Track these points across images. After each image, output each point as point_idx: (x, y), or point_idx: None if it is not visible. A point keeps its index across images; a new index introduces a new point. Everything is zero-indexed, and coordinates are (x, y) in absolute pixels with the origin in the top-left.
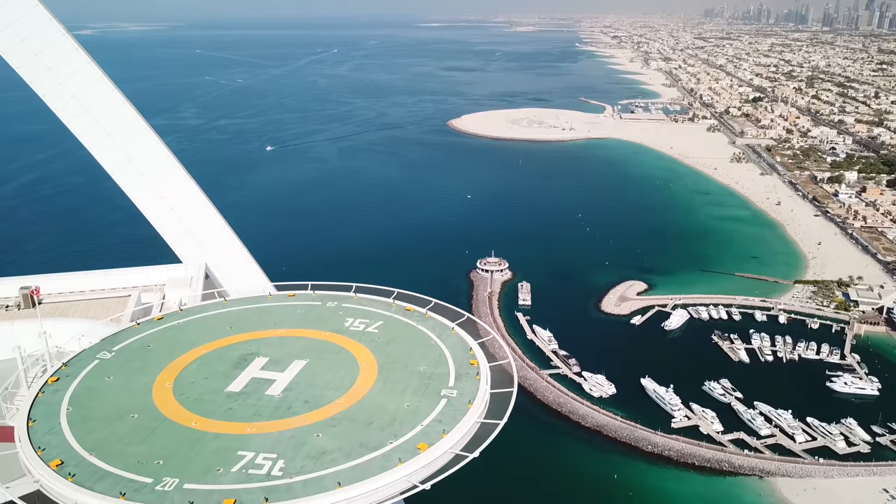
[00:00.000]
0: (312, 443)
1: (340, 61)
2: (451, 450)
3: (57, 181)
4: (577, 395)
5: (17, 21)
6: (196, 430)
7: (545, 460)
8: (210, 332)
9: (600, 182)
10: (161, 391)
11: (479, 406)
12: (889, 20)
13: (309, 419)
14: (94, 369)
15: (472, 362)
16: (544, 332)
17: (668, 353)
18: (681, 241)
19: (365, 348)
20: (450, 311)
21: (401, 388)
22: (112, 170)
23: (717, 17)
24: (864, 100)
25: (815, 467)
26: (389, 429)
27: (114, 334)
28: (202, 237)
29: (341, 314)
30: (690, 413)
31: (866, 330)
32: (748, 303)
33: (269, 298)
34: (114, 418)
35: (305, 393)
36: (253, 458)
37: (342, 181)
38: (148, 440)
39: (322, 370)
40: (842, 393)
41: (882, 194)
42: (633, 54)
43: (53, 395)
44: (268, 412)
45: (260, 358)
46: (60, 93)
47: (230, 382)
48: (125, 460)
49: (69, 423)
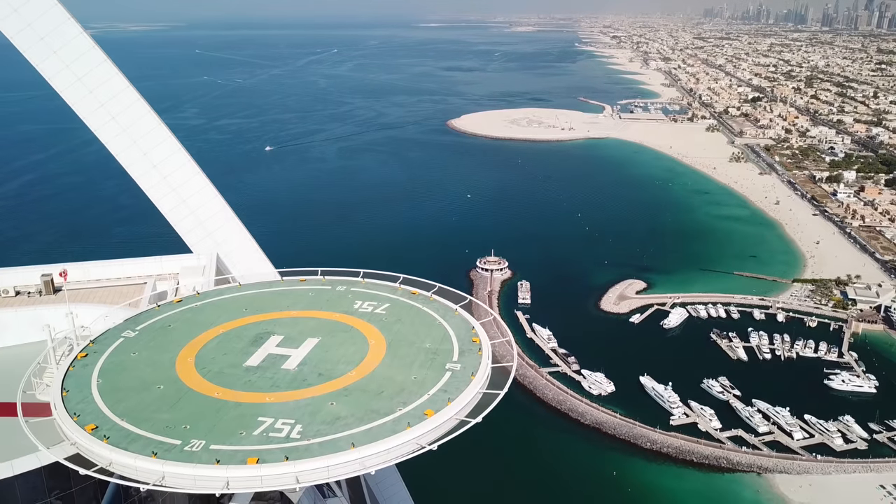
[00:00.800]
0: (327, 410)
1: (340, 61)
2: (456, 416)
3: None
4: (576, 392)
5: (37, 21)
6: (218, 399)
7: (545, 457)
8: (227, 313)
9: (599, 181)
10: (184, 365)
11: (481, 378)
12: (888, 20)
13: (323, 390)
14: (120, 346)
15: (474, 339)
16: (544, 330)
17: (667, 352)
18: (680, 240)
19: (373, 327)
20: (453, 295)
21: (408, 363)
22: (127, 164)
23: (717, 17)
24: (862, 100)
25: (813, 464)
26: (398, 397)
27: (136, 315)
28: (212, 228)
29: (350, 297)
30: (689, 410)
31: (864, 328)
32: (747, 301)
33: (282, 283)
34: (141, 389)
35: (319, 367)
36: (272, 423)
37: (342, 181)
38: (174, 408)
39: (334, 347)
40: (839, 390)
41: (880, 193)
42: (632, 54)
43: (83, 370)
44: (284, 384)
45: (275, 336)
46: (78, 88)
47: (248, 358)
48: (154, 425)
49: (100, 393)
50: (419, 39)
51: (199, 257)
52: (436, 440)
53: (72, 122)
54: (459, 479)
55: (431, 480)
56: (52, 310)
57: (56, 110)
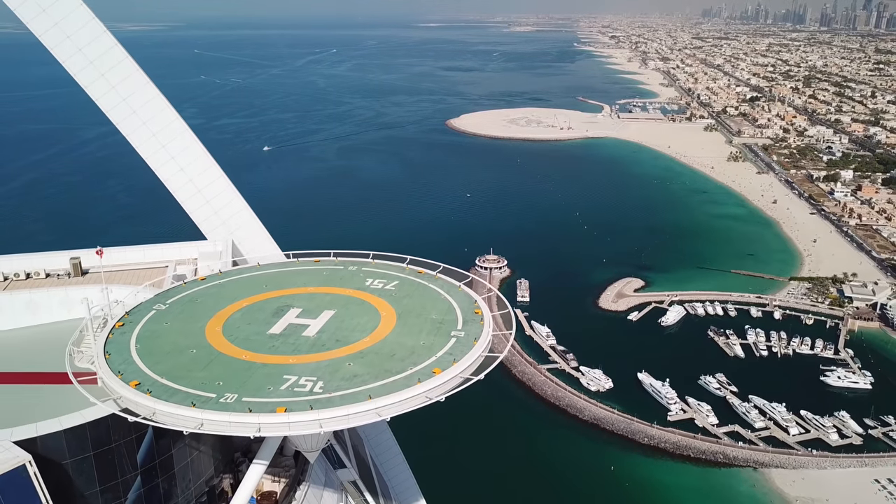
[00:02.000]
0: (345, 369)
1: (339, 61)
2: (461, 374)
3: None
4: (574, 388)
5: (63, 19)
6: (246, 360)
7: (543, 452)
8: (248, 289)
9: (598, 181)
10: (213, 333)
11: (482, 343)
12: (886, 20)
13: (340, 353)
14: (153, 317)
15: (476, 311)
16: (542, 327)
17: (665, 349)
18: (678, 239)
19: (384, 301)
20: (456, 274)
21: (417, 331)
22: (147, 155)
23: (715, 17)
24: (860, 99)
25: (809, 459)
26: (409, 359)
27: (165, 290)
28: (226, 216)
29: (361, 276)
30: (686, 406)
31: (860, 325)
32: (744, 299)
33: (298, 263)
34: (175, 353)
35: (336, 334)
36: (297, 380)
37: (341, 180)
38: (207, 368)
39: (349, 317)
40: (835, 387)
41: (877, 192)
42: (631, 54)
43: (122, 337)
44: (305, 348)
45: (294, 308)
46: (102, 85)
47: (271, 327)
48: (191, 381)
49: (139, 355)
50: (418, 39)
51: (215, 243)
52: (443, 393)
53: (70, 123)
54: (459, 474)
55: (434, 474)
56: (80, 290)
57: (58, 109)
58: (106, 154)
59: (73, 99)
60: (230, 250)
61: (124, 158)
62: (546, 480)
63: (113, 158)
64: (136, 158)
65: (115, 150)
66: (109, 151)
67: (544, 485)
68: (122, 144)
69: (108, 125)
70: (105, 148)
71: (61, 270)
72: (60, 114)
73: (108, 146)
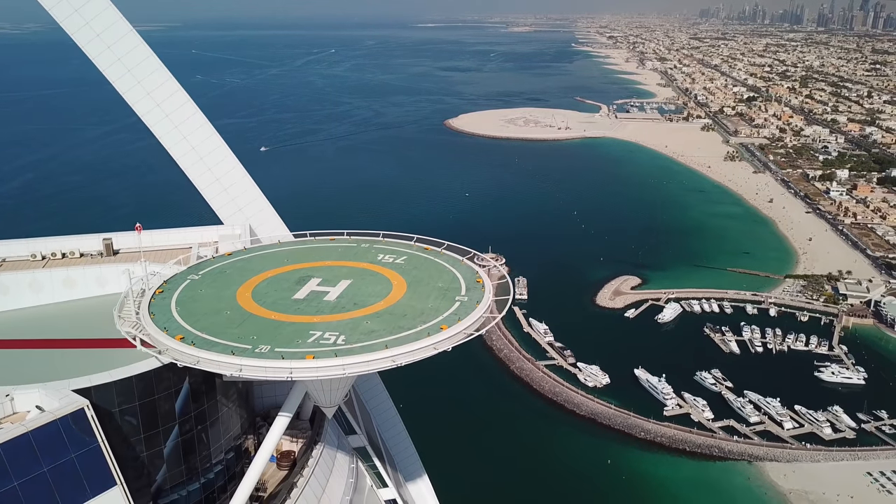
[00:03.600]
0: (363, 326)
1: (337, 61)
2: (465, 330)
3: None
4: (572, 384)
5: (94, 20)
6: (276, 320)
7: (542, 447)
8: (271, 263)
9: (596, 180)
10: (243, 298)
11: (483, 305)
12: (883, 20)
13: (358, 313)
14: (188, 285)
15: (478, 280)
16: (540, 325)
17: (661, 345)
18: (675, 238)
19: (395, 273)
20: (460, 250)
21: (425, 296)
22: (169, 146)
23: (713, 18)
24: (856, 99)
25: (802, 452)
26: (419, 318)
27: (197, 263)
28: (242, 204)
29: (373, 251)
30: (682, 401)
31: (854, 322)
32: (740, 297)
33: (315, 241)
34: (212, 314)
35: (353, 298)
36: (321, 334)
37: (339, 180)
38: (241, 326)
39: (364, 285)
40: (829, 382)
41: (872, 191)
42: (628, 54)
43: (162, 301)
44: (327, 310)
45: (315, 278)
46: (128, 80)
47: (295, 293)
48: (228, 336)
49: (180, 315)
50: (416, 40)
51: (234, 227)
52: (449, 345)
53: (74, 123)
54: (459, 468)
55: (434, 462)
56: (112, 268)
57: (64, 109)
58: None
59: (81, 98)
60: (248, 234)
61: (147, 153)
62: (544, 474)
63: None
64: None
65: (137, 147)
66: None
67: (543, 478)
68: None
69: (124, 125)
70: (127, 143)
71: (94, 251)
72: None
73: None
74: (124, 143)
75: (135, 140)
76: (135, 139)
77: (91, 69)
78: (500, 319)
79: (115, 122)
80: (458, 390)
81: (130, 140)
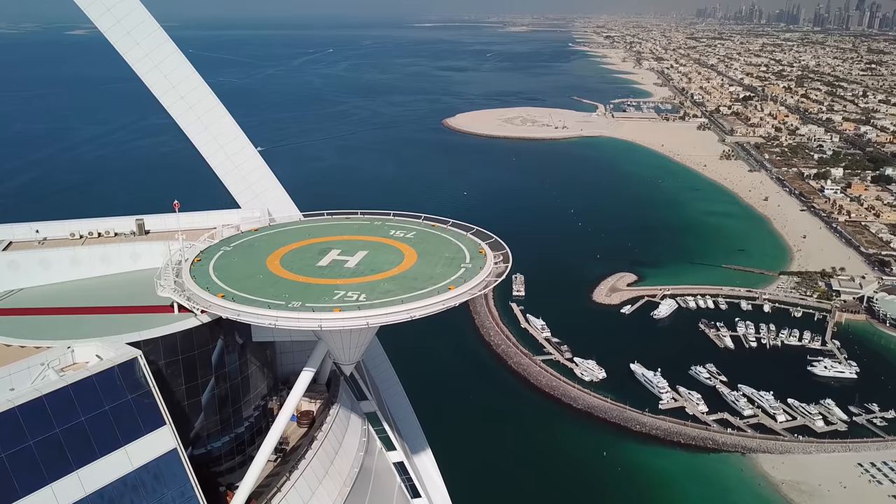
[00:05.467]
0: (381, 286)
1: (335, 61)
2: (470, 291)
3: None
4: (569, 379)
5: (126, 17)
6: (303, 282)
7: (539, 440)
8: (295, 237)
9: (593, 179)
10: (273, 265)
11: (486, 271)
12: (879, 20)
13: (376, 277)
14: (222, 255)
15: (481, 251)
16: (537, 320)
17: (657, 340)
18: (671, 235)
19: (406, 245)
20: (464, 227)
21: (433, 263)
22: (192, 136)
23: (710, 18)
24: (852, 98)
25: (795, 444)
26: (430, 281)
27: (227, 238)
28: (259, 190)
29: (386, 228)
30: (677, 395)
31: (847, 318)
32: (734, 293)
33: (332, 219)
34: (246, 278)
35: (371, 265)
36: (345, 293)
37: (337, 180)
38: (274, 287)
39: (379, 255)
40: (822, 376)
41: (866, 190)
42: (625, 54)
43: (201, 267)
44: (348, 274)
45: (335, 250)
46: (158, 79)
47: (318, 261)
48: (263, 294)
49: (218, 279)
50: (414, 39)
51: (253, 211)
52: (457, 302)
53: (68, 124)
54: (457, 460)
55: (436, 457)
56: (145, 246)
57: (63, 108)
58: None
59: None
60: (267, 217)
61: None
62: (542, 466)
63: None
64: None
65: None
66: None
67: (540, 470)
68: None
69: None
70: (156, 134)
71: (128, 230)
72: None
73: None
74: (164, 138)
75: (167, 137)
76: (176, 139)
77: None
78: (499, 316)
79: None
80: (456, 385)
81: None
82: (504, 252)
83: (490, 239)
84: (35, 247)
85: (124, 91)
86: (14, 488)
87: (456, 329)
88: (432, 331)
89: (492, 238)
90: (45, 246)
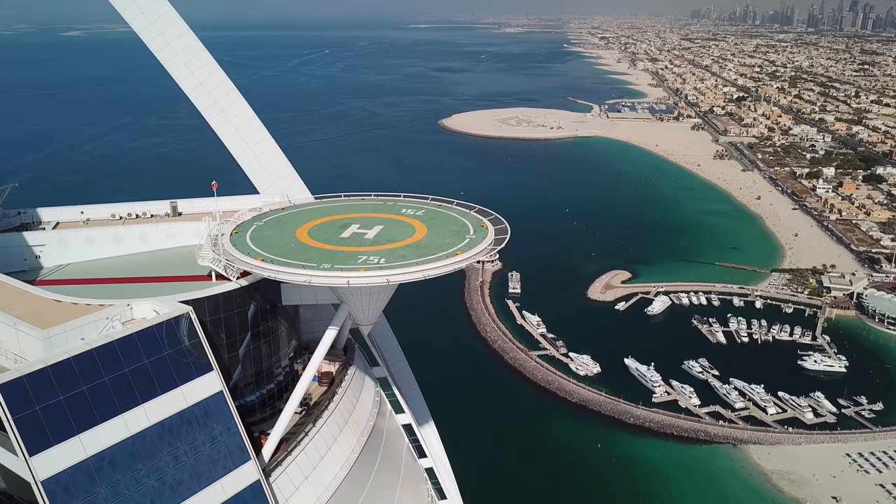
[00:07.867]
0: (398, 252)
1: (331, 62)
2: (474, 257)
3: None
4: (564, 373)
5: (159, 19)
6: (330, 249)
7: (535, 432)
8: (317, 215)
9: (587, 178)
10: (302, 236)
11: (488, 241)
12: (872, 21)
13: (393, 246)
14: (255, 229)
15: (483, 225)
16: (533, 317)
17: (651, 336)
18: (664, 234)
19: (416, 221)
20: (467, 206)
21: (441, 235)
22: (217, 128)
23: (704, 19)
24: (844, 99)
25: (785, 435)
26: (439, 249)
27: (258, 214)
28: (277, 178)
29: (397, 207)
30: (670, 389)
31: (837, 314)
32: (727, 290)
33: (348, 200)
34: (280, 246)
35: (387, 237)
36: (367, 257)
37: (335, 180)
38: (304, 253)
39: (394, 229)
40: (812, 370)
41: (858, 189)
42: (620, 55)
43: (238, 238)
44: (368, 244)
45: (354, 224)
46: (187, 75)
47: (341, 233)
48: (297, 258)
49: (256, 247)
50: (410, 40)
51: (274, 196)
52: (464, 265)
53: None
54: (454, 457)
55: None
56: (179, 226)
57: (69, 106)
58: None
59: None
60: (286, 201)
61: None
62: (537, 458)
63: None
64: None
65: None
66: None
67: (536, 462)
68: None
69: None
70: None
71: (163, 212)
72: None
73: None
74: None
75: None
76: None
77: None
78: (496, 313)
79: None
80: (453, 380)
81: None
82: (503, 226)
83: (490, 216)
84: (80, 226)
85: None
86: (94, 416)
87: (453, 325)
88: (430, 326)
89: (492, 215)
90: (90, 226)
